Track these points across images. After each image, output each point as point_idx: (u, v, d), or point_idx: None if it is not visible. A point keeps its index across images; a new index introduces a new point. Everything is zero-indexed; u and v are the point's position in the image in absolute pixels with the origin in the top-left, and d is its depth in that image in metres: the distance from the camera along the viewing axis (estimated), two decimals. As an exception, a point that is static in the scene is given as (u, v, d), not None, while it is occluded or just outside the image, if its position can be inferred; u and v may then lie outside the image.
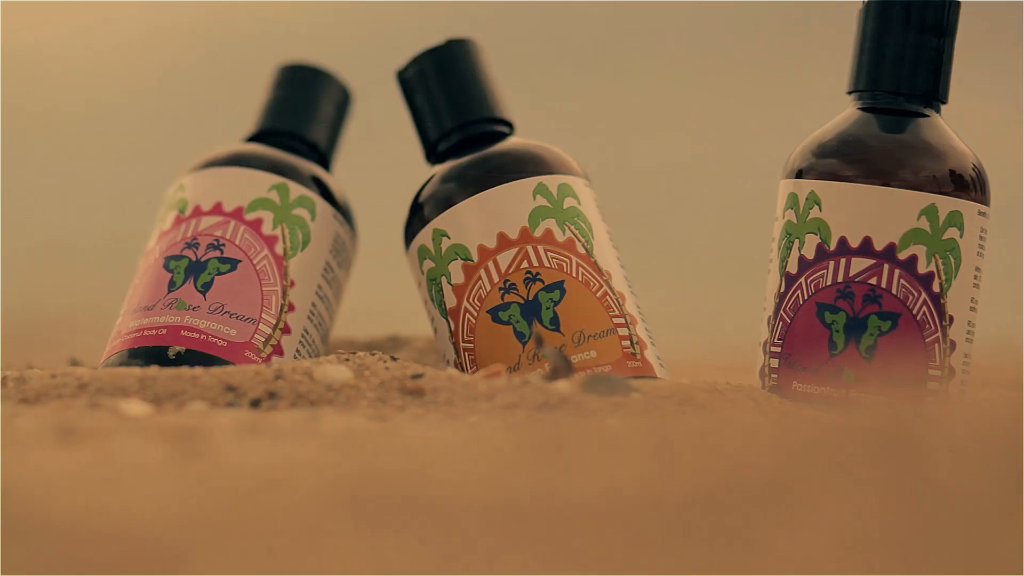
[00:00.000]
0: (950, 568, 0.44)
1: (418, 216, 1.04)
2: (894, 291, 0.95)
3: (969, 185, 0.96)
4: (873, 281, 0.95)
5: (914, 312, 0.95)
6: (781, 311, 0.97)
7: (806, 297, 0.96)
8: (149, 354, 1.00)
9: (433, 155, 1.07)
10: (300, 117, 1.09)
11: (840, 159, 0.96)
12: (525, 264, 1.01)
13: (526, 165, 1.03)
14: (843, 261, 0.95)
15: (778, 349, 0.97)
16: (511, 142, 1.05)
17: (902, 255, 0.95)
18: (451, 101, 1.06)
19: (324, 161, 1.10)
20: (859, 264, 0.95)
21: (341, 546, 0.47)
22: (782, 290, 0.97)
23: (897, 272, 0.95)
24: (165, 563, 0.47)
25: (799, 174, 0.97)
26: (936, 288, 0.95)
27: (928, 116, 0.97)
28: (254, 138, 1.09)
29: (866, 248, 0.95)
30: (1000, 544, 0.45)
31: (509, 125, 1.07)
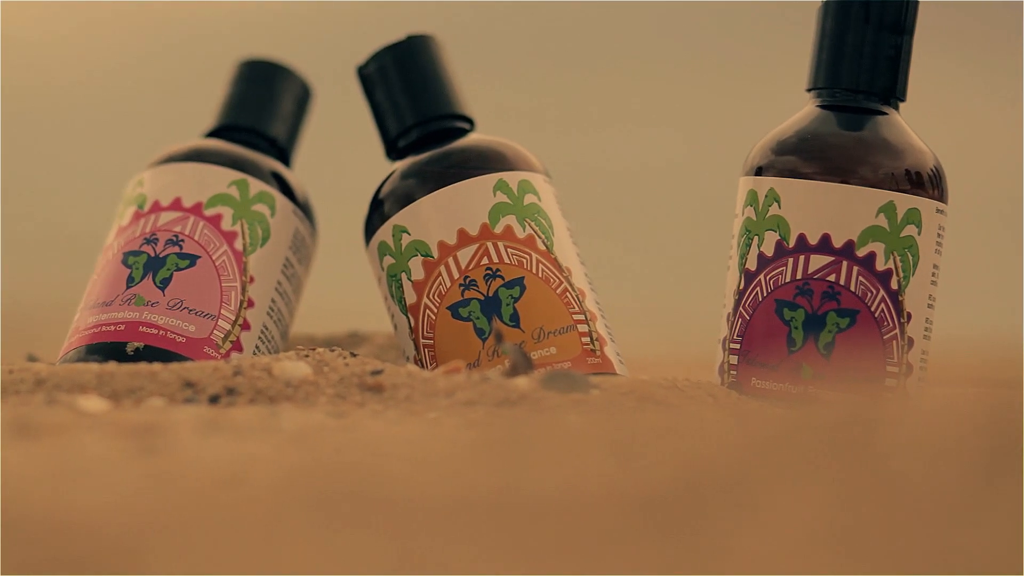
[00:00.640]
0: (910, 563, 0.44)
1: (378, 212, 1.04)
2: (852, 288, 0.95)
3: (927, 183, 0.97)
4: (832, 278, 0.95)
5: (872, 309, 0.95)
6: (740, 308, 0.97)
7: (765, 294, 0.96)
8: (107, 350, 0.99)
9: (393, 151, 1.07)
10: (260, 113, 1.09)
11: (799, 156, 0.97)
12: (485, 260, 1.01)
13: (487, 161, 1.03)
14: (802, 258, 0.96)
15: (737, 346, 0.97)
16: (472, 138, 1.05)
17: (860, 252, 0.95)
18: (411, 97, 1.06)
19: (284, 157, 1.10)
20: (818, 261, 0.96)
21: (300, 542, 0.47)
22: (741, 287, 0.97)
23: (856, 269, 0.95)
24: (123, 560, 0.46)
25: (759, 171, 0.98)
26: (894, 285, 0.96)
27: (887, 114, 0.98)
28: (214, 134, 1.09)
29: (825, 245, 0.96)
30: (960, 539, 0.45)
31: (470, 121, 1.07)
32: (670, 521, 0.47)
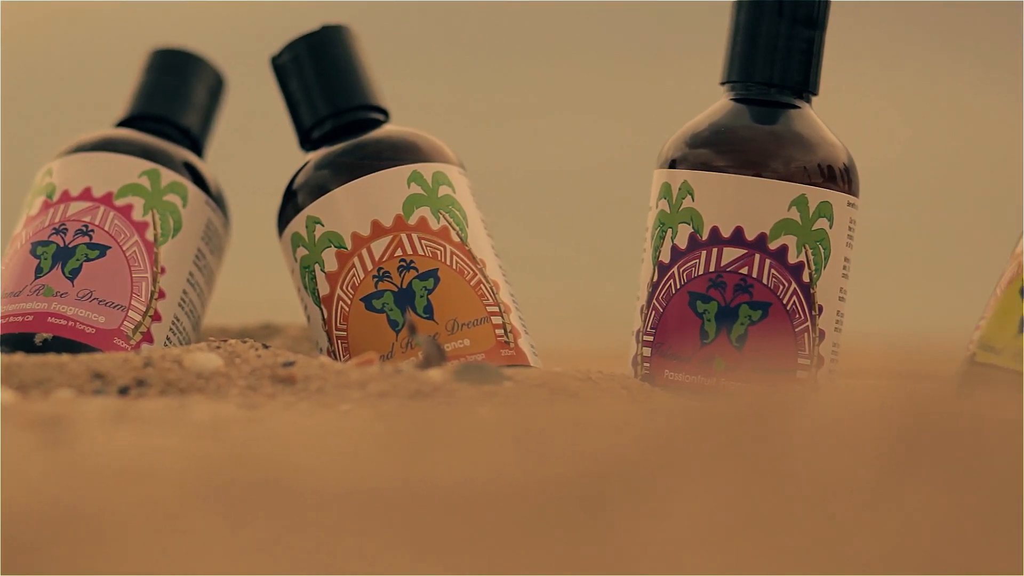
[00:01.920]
0: (816, 560, 0.45)
1: (292, 203, 1.03)
2: (765, 281, 0.96)
3: (838, 176, 0.98)
4: (744, 271, 0.96)
5: (784, 302, 0.96)
6: (654, 300, 0.98)
7: (679, 286, 0.97)
8: (15, 341, 0.98)
9: (307, 142, 1.06)
10: (172, 102, 1.08)
11: (712, 149, 0.97)
12: (399, 252, 1.00)
13: (401, 153, 1.03)
14: (715, 251, 0.96)
15: (651, 338, 0.97)
16: (386, 129, 1.05)
17: (773, 245, 0.96)
18: (325, 87, 1.05)
19: (197, 147, 1.09)
20: (731, 254, 0.96)
21: (208, 535, 0.47)
22: (655, 279, 0.98)
23: (768, 262, 0.96)
24: (29, 554, 0.46)
25: (672, 164, 0.98)
26: (806, 278, 0.96)
27: (799, 108, 0.98)
28: (125, 123, 1.08)
29: (738, 238, 0.96)
30: (866, 536, 0.46)
31: (384, 112, 1.06)
32: (579, 514, 0.47)
